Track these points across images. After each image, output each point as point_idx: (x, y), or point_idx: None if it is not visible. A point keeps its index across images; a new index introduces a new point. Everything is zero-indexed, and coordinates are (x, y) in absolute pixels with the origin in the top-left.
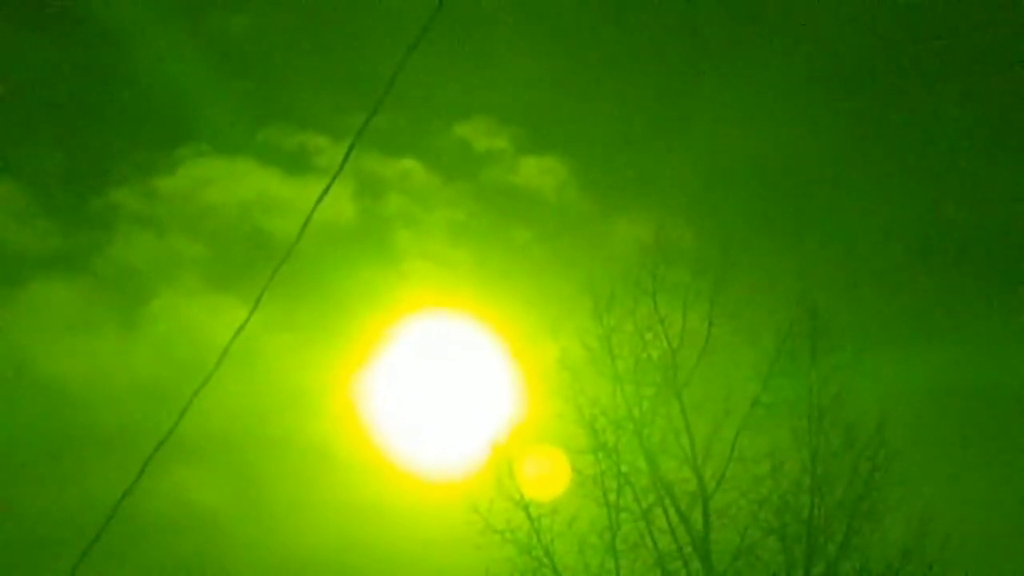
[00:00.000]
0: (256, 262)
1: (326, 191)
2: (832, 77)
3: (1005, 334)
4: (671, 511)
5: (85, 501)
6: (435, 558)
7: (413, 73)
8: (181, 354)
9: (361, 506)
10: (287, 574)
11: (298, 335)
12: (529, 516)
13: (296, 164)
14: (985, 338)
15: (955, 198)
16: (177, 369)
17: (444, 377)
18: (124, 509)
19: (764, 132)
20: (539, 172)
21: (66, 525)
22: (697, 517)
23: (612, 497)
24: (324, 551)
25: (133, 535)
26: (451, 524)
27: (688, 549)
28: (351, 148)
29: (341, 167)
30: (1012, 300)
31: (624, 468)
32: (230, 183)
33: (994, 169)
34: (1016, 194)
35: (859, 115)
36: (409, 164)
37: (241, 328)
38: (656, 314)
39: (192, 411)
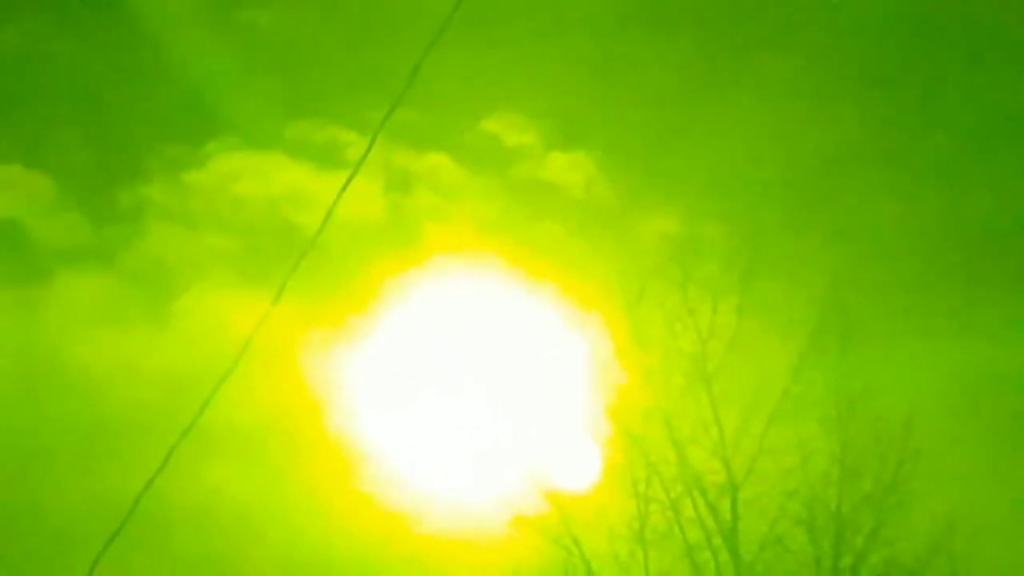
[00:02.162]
0: (286, 256)
1: (348, 181)
2: (863, 74)
3: None
4: (699, 502)
5: (112, 493)
6: (463, 550)
7: (440, 67)
8: (210, 347)
9: (385, 503)
10: (314, 570)
11: (326, 330)
12: (558, 506)
13: (326, 158)
14: (1016, 334)
15: (987, 193)
16: (206, 362)
17: (476, 373)
18: (150, 500)
19: (793, 128)
20: (567, 167)
21: (92, 516)
22: (726, 508)
23: (641, 488)
24: (351, 547)
25: (159, 527)
26: (480, 516)
27: (717, 540)
28: (373, 140)
29: (362, 159)
30: None
31: (653, 459)
32: (260, 177)
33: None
34: None
35: (890, 111)
36: (438, 159)
37: (263, 319)
38: (686, 305)
39: (219, 404)
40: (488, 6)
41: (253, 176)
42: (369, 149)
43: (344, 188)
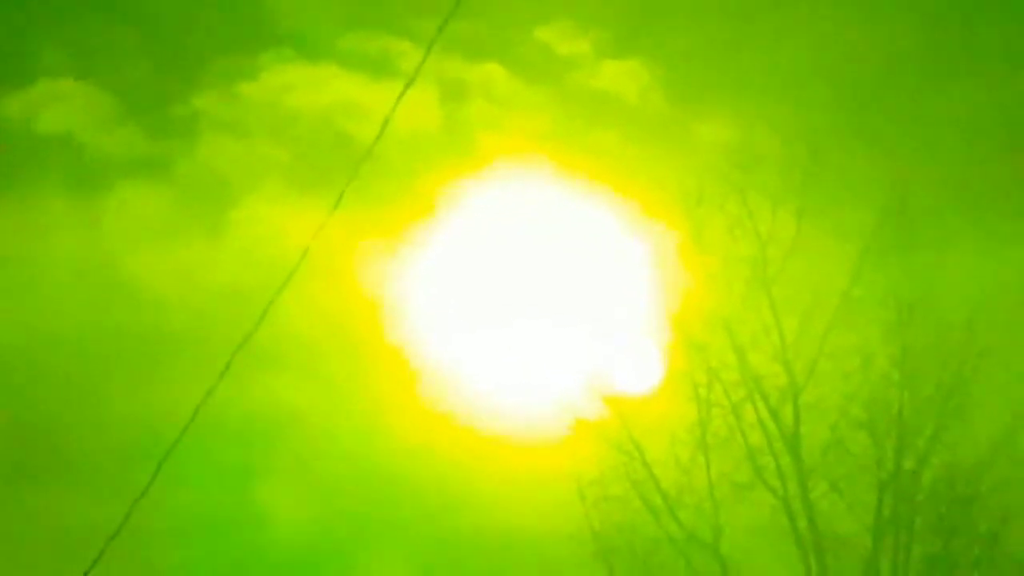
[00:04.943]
0: (340, 167)
1: (403, 93)
2: None
3: None
4: (761, 406)
5: (170, 404)
6: (523, 455)
7: None
8: (265, 258)
9: (444, 410)
10: (375, 477)
11: (383, 240)
12: (619, 411)
13: (379, 69)
14: None
15: None
16: (262, 273)
17: (535, 280)
18: (209, 412)
19: (850, 30)
20: (621, 75)
21: (151, 428)
22: (787, 412)
23: (702, 392)
24: (410, 456)
25: (218, 437)
26: (540, 421)
27: (778, 444)
28: (428, 50)
29: (417, 70)
30: None
31: (714, 364)
32: (313, 88)
33: None
34: None
35: (947, 14)
36: (492, 68)
37: (319, 230)
38: (745, 209)
39: (276, 315)
40: None
41: (307, 87)
42: (425, 59)
43: (400, 98)
